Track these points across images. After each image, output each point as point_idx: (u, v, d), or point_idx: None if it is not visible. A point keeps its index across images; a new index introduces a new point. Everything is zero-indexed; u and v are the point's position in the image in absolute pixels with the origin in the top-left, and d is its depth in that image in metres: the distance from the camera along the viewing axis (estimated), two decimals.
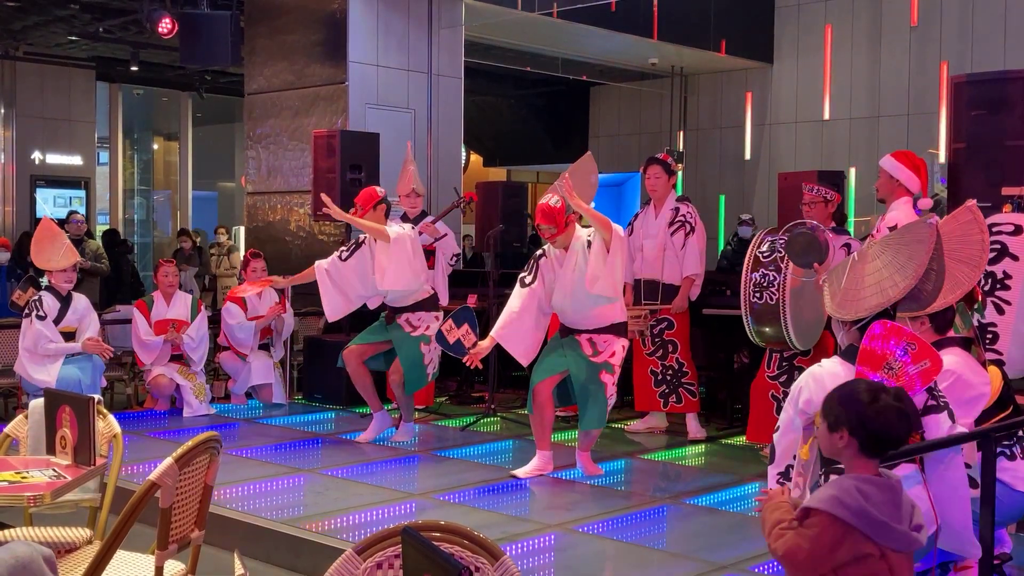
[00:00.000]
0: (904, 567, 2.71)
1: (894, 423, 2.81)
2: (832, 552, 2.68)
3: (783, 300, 6.11)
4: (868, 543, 2.66)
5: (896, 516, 2.71)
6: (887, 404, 2.81)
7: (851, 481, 2.75)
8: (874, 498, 2.70)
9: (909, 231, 3.77)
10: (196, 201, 19.38)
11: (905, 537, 2.70)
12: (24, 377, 7.47)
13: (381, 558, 2.57)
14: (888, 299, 3.61)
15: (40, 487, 3.72)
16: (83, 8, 12.81)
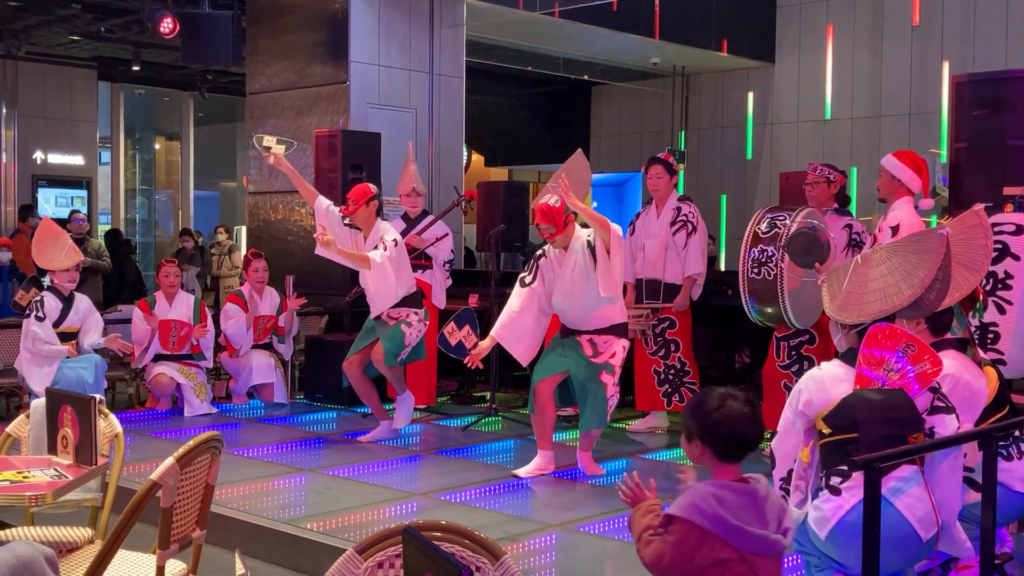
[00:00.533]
0: (768, 569, 2.72)
1: (742, 428, 2.81)
2: (692, 558, 2.70)
3: (780, 276, 6.09)
4: (726, 548, 2.68)
5: (754, 520, 2.72)
6: (734, 409, 2.82)
7: (708, 487, 2.78)
8: (730, 503, 2.72)
9: (920, 239, 3.76)
10: (198, 201, 19.38)
11: (763, 541, 2.71)
12: (25, 377, 7.48)
13: (382, 558, 2.57)
14: (892, 306, 3.60)
15: (41, 487, 3.72)
16: (85, 8, 12.82)
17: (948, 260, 3.71)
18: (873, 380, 3.55)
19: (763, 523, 2.74)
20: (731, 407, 2.82)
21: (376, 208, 7.04)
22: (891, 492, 3.46)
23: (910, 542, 3.47)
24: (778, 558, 2.78)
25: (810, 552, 3.66)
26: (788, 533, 2.78)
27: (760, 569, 2.70)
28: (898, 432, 3.52)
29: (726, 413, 2.81)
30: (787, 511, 2.84)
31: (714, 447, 2.83)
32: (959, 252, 3.82)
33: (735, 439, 2.82)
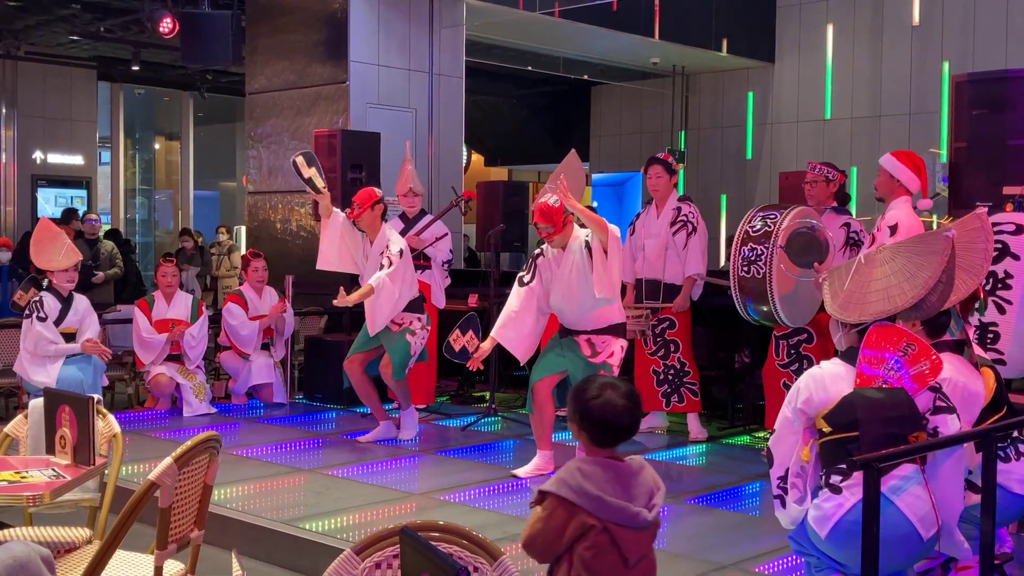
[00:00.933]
0: (630, 539, 2.86)
1: (615, 418, 2.94)
2: (563, 530, 2.84)
3: (769, 275, 6.08)
4: (590, 517, 2.83)
5: (618, 493, 2.87)
6: (610, 399, 2.94)
7: (575, 463, 2.94)
8: (593, 477, 2.88)
9: (925, 241, 3.75)
10: (197, 201, 19.38)
11: (624, 512, 2.85)
12: (24, 378, 7.47)
13: (380, 558, 2.57)
14: (895, 307, 3.59)
15: (39, 487, 3.72)
16: (84, 8, 12.81)
17: (952, 263, 3.70)
18: (873, 378, 3.54)
19: (628, 497, 2.88)
20: (608, 397, 2.95)
21: (382, 211, 7.04)
22: (891, 491, 3.45)
23: (911, 541, 3.47)
24: (643, 531, 2.91)
25: (809, 552, 3.65)
26: (654, 509, 2.92)
27: (622, 539, 2.84)
28: (898, 431, 3.52)
29: (602, 403, 2.95)
30: (659, 491, 2.99)
31: (589, 432, 2.98)
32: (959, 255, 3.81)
33: (608, 427, 2.95)
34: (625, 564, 2.86)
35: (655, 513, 2.92)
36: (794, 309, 6.21)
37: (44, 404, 4.20)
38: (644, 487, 2.95)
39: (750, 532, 5.22)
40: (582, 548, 2.83)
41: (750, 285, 6.17)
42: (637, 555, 2.88)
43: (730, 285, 6.25)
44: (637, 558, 2.88)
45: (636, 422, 3.00)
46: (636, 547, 2.88)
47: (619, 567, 2.83)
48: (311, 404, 8.67)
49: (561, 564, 2.86)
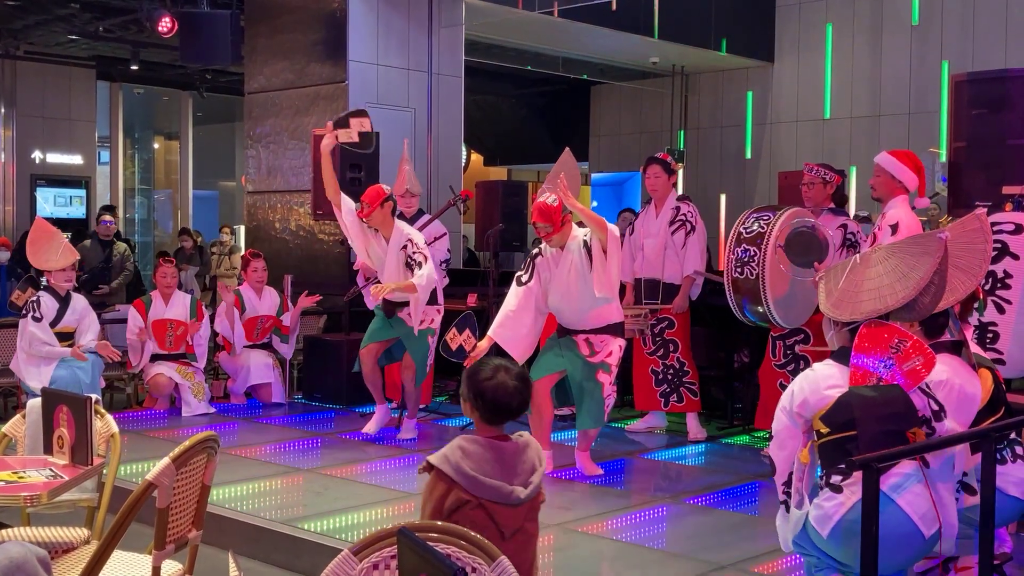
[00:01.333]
0: (506, 514, 3.07)
1: (505, 398, 3.15)
2: (442, 501, 3.06)
3: (763, 276, 6.09)
4: (466, 493, 3.05)
5: (495, 472, 3.08)
6: (501, 381, 3.15)
7: (459, 441, 3.15)
8: (473, 455, 3.09)
9: (918, 242, 3.74)
10: (197, 200, 19.37)
11: (499, 490, 3.06)
12: (21, 378, 7.46)
13: (377, 559, 2.56)
14: (885, 306, 3.59)
15: (37, 487, 3.71)
16: (83, 7, 12.80)
17: (945, 265, 3.69)
18: (867, 377, 3.54)
19: (507, 476, 3.10)
20: (499, 379, 3.17)
21: (391, 208, 7.03)
22: (892, 489, 3.45)
23: (912, 539, 3.46)
24: (521, 507, 3.11)
25: (810, 552, 3.64)
26: (531, 486, 3.12)
27: (498, 515, 3.06)
28: (896, 427, 3.51)
29: (493, 384, 3.16)
30: (540, 467, 3.18)
31: (480, 410, 3.18)
32: (957, 256, 3.81)
33: (498, 406, 3.16)
34: (501, 536, 3.04)
35: (531, 490, 3.12)
36: (789, 310, 6.21)
37: (42, 404, 4.19)
38: (527, 464, 3.15)
39: (749, 532, 5.21)
40: (460, 522, 2.95)
41: (744, 286, 6.17)
42: (512, 528, 3.09)
43: (725, 286, 6.26)
44: (512, 531, 3.09)
45: (525, 403, 3.20)
46: (512, 521, 3.09)
47: (496, 539, 2.95)
48: (310, 404, 8.66)
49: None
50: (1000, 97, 5.56)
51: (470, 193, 8.58)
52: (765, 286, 6.08)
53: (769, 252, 6.08)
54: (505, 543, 2.98)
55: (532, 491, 3.11)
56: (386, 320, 7.20)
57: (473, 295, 8.72)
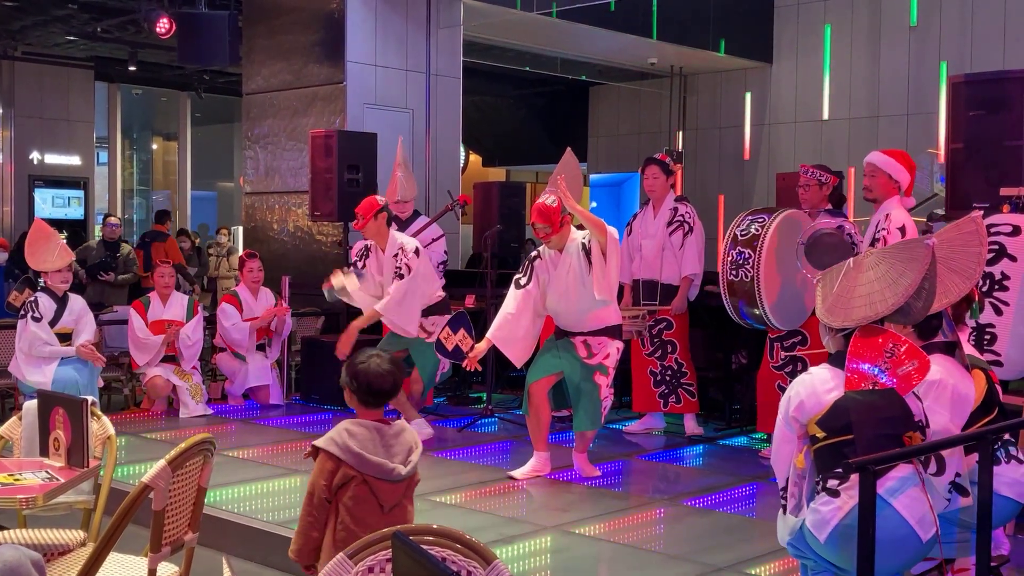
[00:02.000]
0: (386, 490, 3.42)
1: (377, 381, 3.49)
2: (331, 480, 3.39)
3: (758, 278, 6.09)
4: (352, 470, 3.38)
5: (377, 451, 3.42)
6: (374, 365, 3.50)
7: (343, 424, 3.48)
8: (358, 436, 3.43)
9: (906, 248, 3.74)
10: (195, 201, 19.36)
11: (381, 467, 3.40)
12: (19, 378, 7.45)
13: (372, 562, 2.55)
14: (876, 313, 3.59)
15: (33, 489, 3.70)
16: (81, 8, 12.79)
17: (934, 270, 3.69)
18: (861, 381, 3.54)
19: (387, 454, 3.44)
20: (373, 363, 3.51)
21: (386, 219, 7.00)
22: (889, 492, 3.44)
23: (909, 542, 3.46)
24: (399, 483, 3.46)
25: (807, 556, 3.64)
26: (410, 464, 3.46)
27: (379, 489, 3.40)
28: (892, 431, 3.51)
29: (366, 367, 3.49)
30: (417, 449, 3.51)
31: (356, 393, 3.52)
32: (952, 258, 3.80)
33: (371, 389, 3.49)
34: (381, 510, 3.41)
35: (410, 468, 3.46)
36: (786, 312, 6.21)
37: (38, 406, 4.19)
38: (404, 446, 3.49)
39: (747, 534, 5.21)
40: (346, 496, 3.38)
41: (740, 288, 6.18)
42: (392, 502, 3.44)
43: (720, 288, 6.26)
44: (391, 505, 3.44)
45: (396, 386, 3.54)
46: (391, 497, 3.43)
47: (376, 512, 3.38)
48: (307, 405, 8.65)
49: (331, 512, 3.40)
50: (997, 98, 5.55)
51: (468, 199, 8.54)
52: (760, 288, 6.08)
53: (764, 254, 6.08)
54: (385, 516, 3.37)
55: (411, 469, 3.46)
56: (396, 335, 7.15)
57: (471, 296, 8.71)
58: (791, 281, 6.15)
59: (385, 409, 3.65)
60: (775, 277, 6.13)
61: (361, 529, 3.30)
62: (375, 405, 3.53)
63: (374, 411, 3.53)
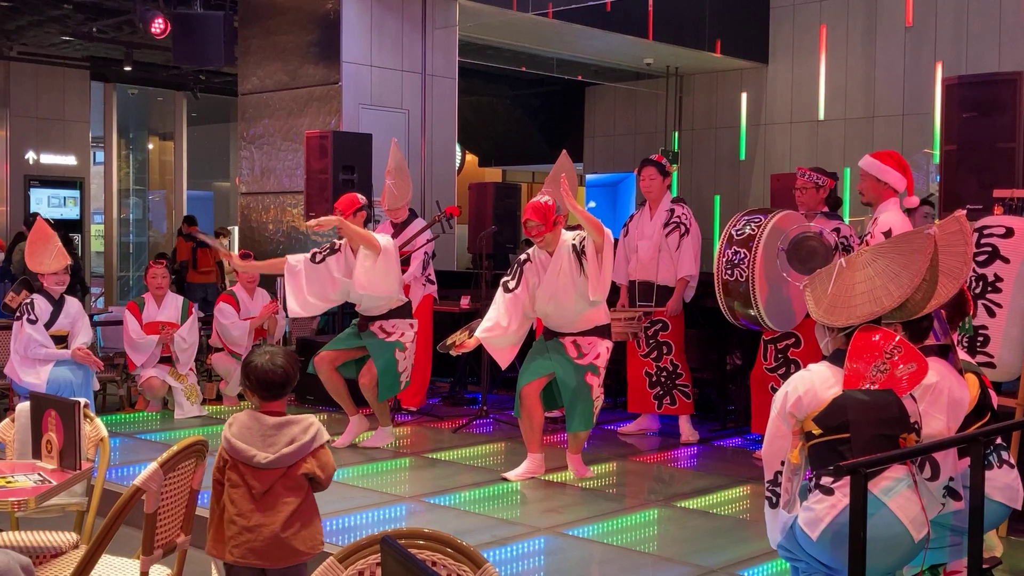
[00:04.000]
0: (253, 475, 3.61)
1: (268, 375, 3.69)
2: (218, 460, 3.68)
3: (752, 278, 6.09)
4: (227, 453, 3.66)
5: (252, 440, 3.63)
6: (266, 360, 3.71)
7: (241, 414, 3.73)
8: (238, 423, 3.68)
9: (906, 240, 3.74)
10: (191, 201, 19.34)
11: (244, 452, 3.61)
12: (14, 380, 7.43)
13: (363, 566, 2.55)
14: (882, 308, 3.59)
15: (25, 492, 3.70)
16: (76, 8, 12.78)
17: (936, 260, 3.69)
18: (859, 380, 3.54)
19: (259, 444, 3.63)
20: (264, 359, 3.72)
21: (364, 218, 6.97)
22: (883, 492, 3.45)
23: (902, 542, 3.46)
24: (270, 472, 3.62)
25: (798, 558, 3.64)
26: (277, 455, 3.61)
27: (248, 475, 3.62)
28: (889, 432, 3.51)
29: (259, 362, 3.71)
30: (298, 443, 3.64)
31: (251, 387, 3.74)
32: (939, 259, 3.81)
33: (261, 382, 3.70)
34: (251, 494, 3.61)
35: (275, 458, 3.60)
36: (780, 313, 6.22)
37: (30, 408, 4.18)
38: (285, 437, 3.64)
39: (740, 536, 5.21)
40: (226, 478, 3.65)
41: (735, 289, 6.18)
42: (261, 488, 3.61)
43: (715, 288, 6.26)
44: (261, 491, 3.61)
45: (288, 379, 3.73)
46: (259, 482, 3.61)
47: (247, 496, 3.61)
48: (302, 405, 8.63)
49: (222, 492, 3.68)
50: (990, 100, 5.56)
51: (456, 211, 8.48)
52: (755, 289, 6.08)
53: (759, 255, 6.09)
54: (255, 501, 3.61)
55: (275, 459, 3.60)
56: (356, 333, 7.05)
57: (466, 297, 8.71)
58: (785, 282, 6.15)
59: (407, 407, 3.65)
60: (770, 278, 6.13)
61: (234, 510, 3.61)
62: (269, 398, 3.73)
63: (272, 403, 3.73)
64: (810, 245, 5.86)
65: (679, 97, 15.40)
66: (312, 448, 3.65)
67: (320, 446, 3.69)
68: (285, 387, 3.73)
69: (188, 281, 13.56)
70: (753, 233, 6.18)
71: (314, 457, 3.66)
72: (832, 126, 13.66)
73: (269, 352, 3.76)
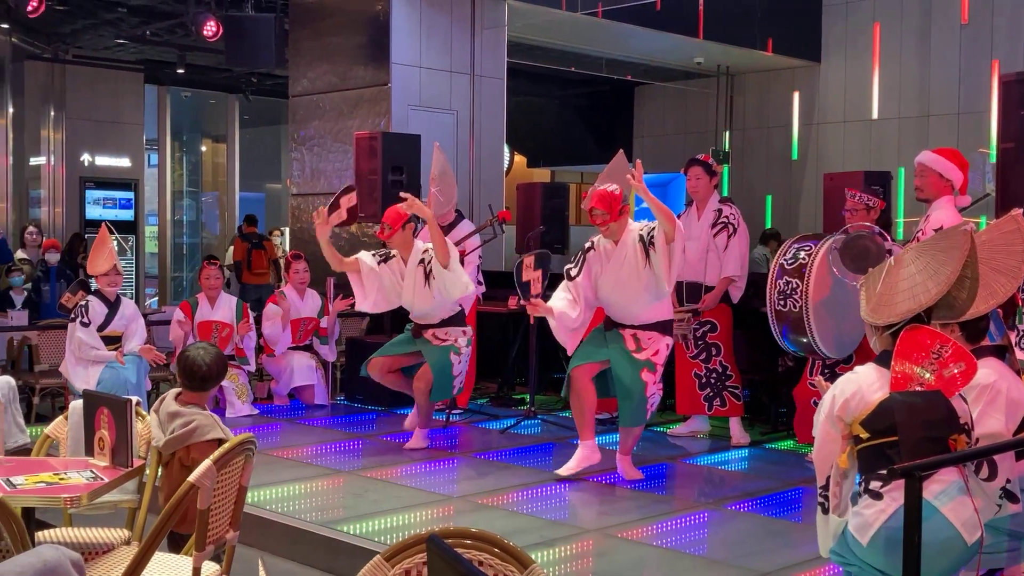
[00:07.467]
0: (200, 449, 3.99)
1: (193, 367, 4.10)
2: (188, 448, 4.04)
3: (806, 308, 6.03)
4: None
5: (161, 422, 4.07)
6: (195, 355, 4.12)
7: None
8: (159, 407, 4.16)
9: (945, 237, 3.69)
10: (244, 202, 19.52)
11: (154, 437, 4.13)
12: (69, 379, 7.54)
13: (409, 565, 2.55)
14: (919, 304, 3.53)
15: (78, 488, 3.74)
16: (130, 12, 12.96)
17: (975, 257, 3.62)
18: (907, 382, 3.48)
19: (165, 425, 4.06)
20: (195, 352, 4.13)
21: (413, 230, 6.97)
22: (934, 496, 3.39)
23: (953, 546, 3.40)
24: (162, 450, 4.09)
25: (850, 562, 3.58)
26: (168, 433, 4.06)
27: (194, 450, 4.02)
28: (938, 434, 3.45)
29: (189, 355, 4.12)
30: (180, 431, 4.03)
31: (180, 376, 4.16)
32: (996, 258, 3.73)
33: (186, 373, 4.12)
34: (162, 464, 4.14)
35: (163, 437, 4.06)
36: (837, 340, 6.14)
37: (83, 406, 4.23)
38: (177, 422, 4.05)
39: (791, 540, 5.15)
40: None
41: (788, 317, 6.13)
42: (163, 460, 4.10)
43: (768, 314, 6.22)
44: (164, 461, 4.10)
45: (208, 377, 4.13)
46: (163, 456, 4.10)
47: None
48: (352, 405, 8.69)
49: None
50: None
51: (507, 215, 8.46)
52: (809, 317, 6.02)
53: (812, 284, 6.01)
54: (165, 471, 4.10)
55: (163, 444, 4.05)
56: (410, 338, 7.09)
57: (514, 297, 8.68)
58: (842, 308, 6.05)
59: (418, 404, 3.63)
60: (825, 306, 6.06)
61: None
62: (192, 388, 4.13)
63: (192, 394, 4.14)
64: (863, 244, 5.79)
65: (730, 96, 15.28)
66: (188, 442, 4.02)
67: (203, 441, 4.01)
68: (205, 382, 4.14)
69: (243, 282, 13.71)
70: (805, 261, 6.12)
71: (187, 450, 4.02)
72: (886, 125, 13.47)
73: (204, 349, 4.16)
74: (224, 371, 4.25)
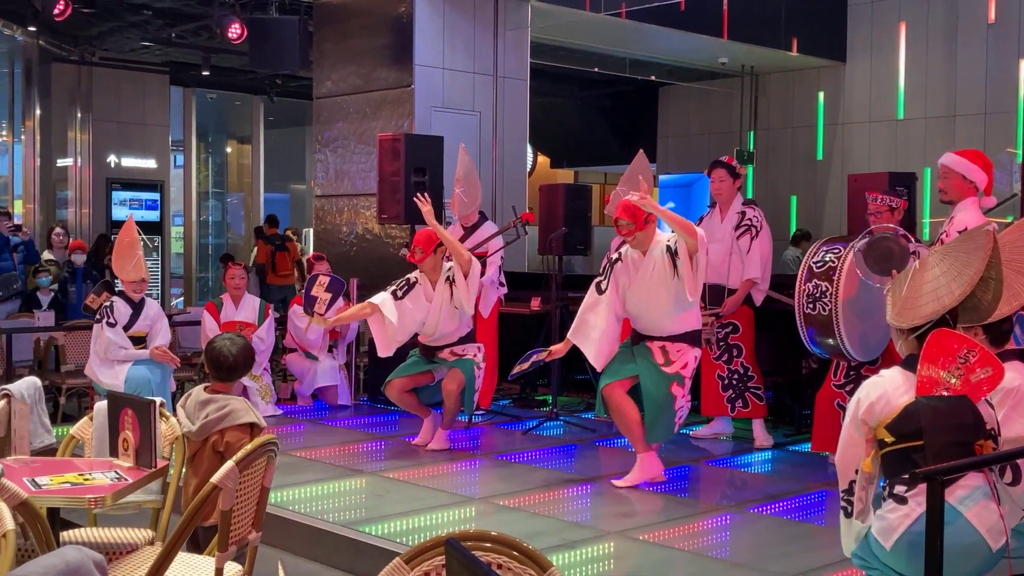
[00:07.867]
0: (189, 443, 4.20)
1: (219, 358, 4.21)
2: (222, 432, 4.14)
3: (835, 311, 5.99)
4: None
5: (191, 412, 4.17)
6: (222, 346, 4.23)
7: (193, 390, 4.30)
8: (187, 398, 4.23)
9: (967, 239, 3.67)
10: (268, 203, 19.61)
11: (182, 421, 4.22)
12: (94, 380, 7.59)
13: (428, 567, 2.55)
14: (943, 306, 3.51)
15: (102, 489, 3.77)
16: (155, 14, 13.05)
17: (998, 257, 3.59)
18: (933, 386, 3.46)
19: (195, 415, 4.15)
20: (222, 343, 4.25)
21: (444, 253, 6.97)
22: (959, 501, 3.36)
23: (978, 551, 3.38)
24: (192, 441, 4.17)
25: (873, 567, 3.56)
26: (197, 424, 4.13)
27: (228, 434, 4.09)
28: (964, 439, 3.42)
29: (219, 345, 4.24)
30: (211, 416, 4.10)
31: (206, 366, 4.30)
32: (1016, 260, 3.70)
33: (212, 363, 4.24)
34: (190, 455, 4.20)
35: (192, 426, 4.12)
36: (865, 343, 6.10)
37: (108, 407, 4.26)
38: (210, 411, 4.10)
39: (813, 543, 5.12)
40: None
41: (817, 320, 6.09)
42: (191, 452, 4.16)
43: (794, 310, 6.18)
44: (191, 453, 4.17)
45: (237, 364, 4.23)
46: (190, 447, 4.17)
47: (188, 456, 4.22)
48: (375, 406, 8.71)
49: None
50: None
51: (531, 216, 8.46)
52: (839, 320, 5.98)
53: (842, 286, 5.98)
54: (190, 464, 4.17)
55: (194, 427, 4.10)
56: (423, 360, 7.12)
57: (536, 299, 8.69)
58: (868, 310, 6.02)
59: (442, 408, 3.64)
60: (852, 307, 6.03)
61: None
62: (219, 379, 4.24)
63: (220, 384, 4.24)
64: (886, 246, 5.75)
65: (754, 96, 15.22)
66: (221, 426, 4.08)
67: (235, 426, 4.07)
68: (232, 372, 4.24)
69: (267, 283, 13.78)
70: (833, 264, 6.08)
71: (221, 435, 4.08)
72: (912, 125, 13.39)
73: (230, 339, 4.28)
74: (251, 361, 4.35)
